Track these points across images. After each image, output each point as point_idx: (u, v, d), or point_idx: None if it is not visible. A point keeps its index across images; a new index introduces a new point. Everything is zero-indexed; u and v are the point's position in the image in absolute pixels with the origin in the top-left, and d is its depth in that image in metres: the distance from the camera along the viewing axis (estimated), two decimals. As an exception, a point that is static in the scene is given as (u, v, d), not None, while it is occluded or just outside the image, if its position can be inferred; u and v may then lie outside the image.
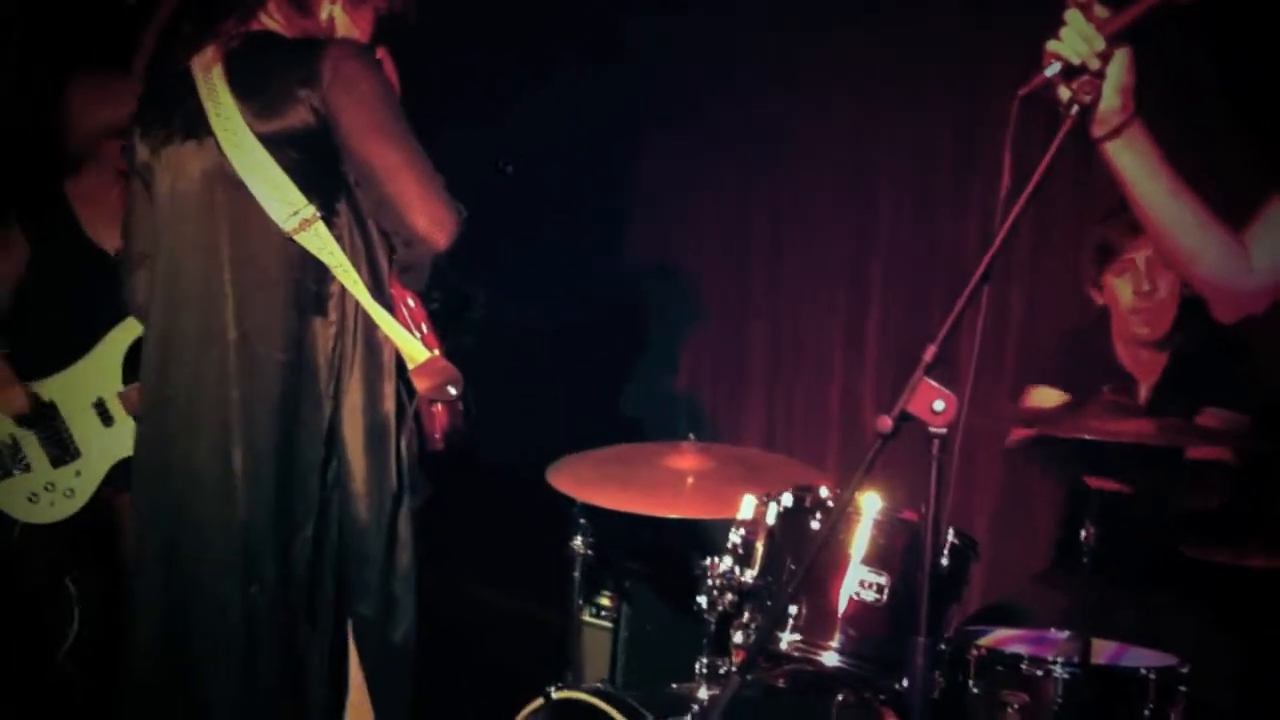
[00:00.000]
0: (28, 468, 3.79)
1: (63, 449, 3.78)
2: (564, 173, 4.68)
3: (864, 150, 4.48)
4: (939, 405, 1.90)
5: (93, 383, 3.79)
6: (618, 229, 5.00)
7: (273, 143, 2.57)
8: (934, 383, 1.90)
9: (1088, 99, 1.92)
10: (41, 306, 3.87)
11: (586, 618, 3.61)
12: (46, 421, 3.77)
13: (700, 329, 4.88)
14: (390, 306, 2.67)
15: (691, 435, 3.31)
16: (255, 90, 2.60)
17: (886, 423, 1.92)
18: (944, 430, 1.91)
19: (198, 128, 2.63)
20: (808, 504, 2.71)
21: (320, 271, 2.61)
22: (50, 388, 3.80)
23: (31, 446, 3.79)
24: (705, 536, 3.62)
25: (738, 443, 4.39)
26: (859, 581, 2.60)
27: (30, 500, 3.77)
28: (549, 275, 4.80)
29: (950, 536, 2.62)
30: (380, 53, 2.73)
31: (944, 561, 2.55)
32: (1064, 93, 1.94)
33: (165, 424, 2.69)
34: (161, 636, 2.66)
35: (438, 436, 2.77)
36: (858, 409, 4.45)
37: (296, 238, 2.59)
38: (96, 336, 3.79)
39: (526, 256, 4.67)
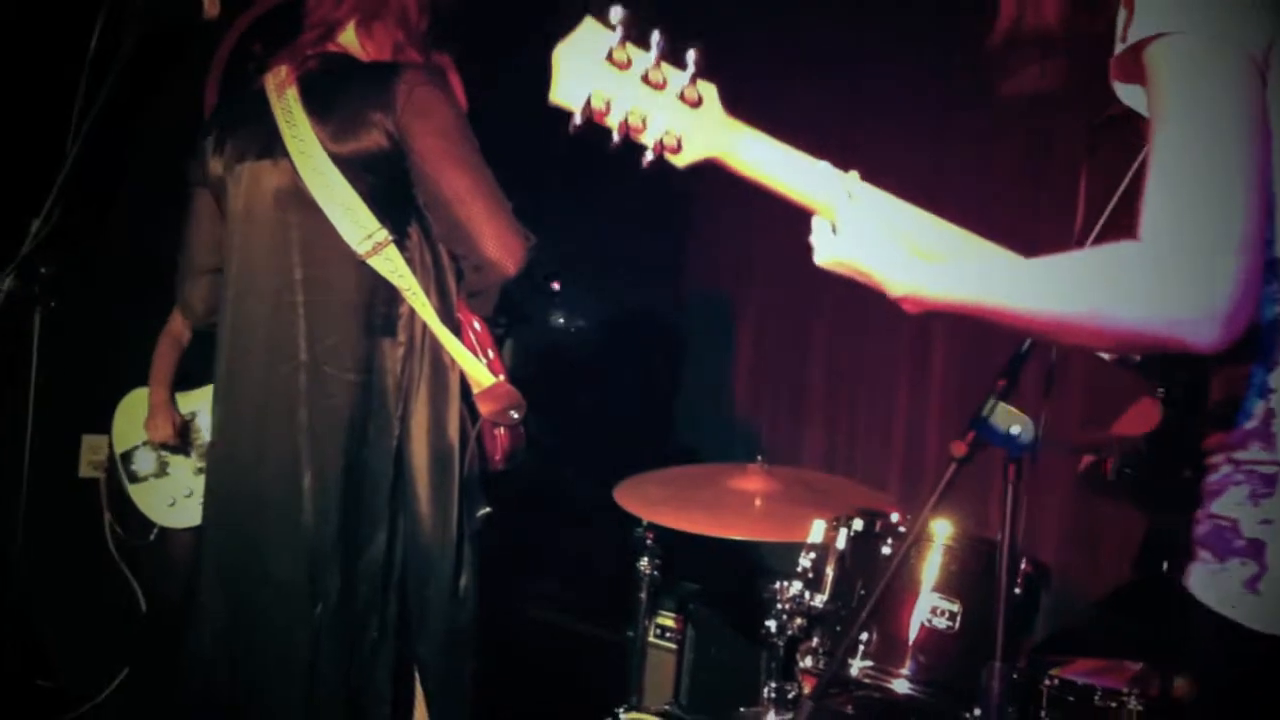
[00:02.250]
0: (168, 474, 3.92)
1: (203, 458, 3.87)
2: (622, 195, 4.68)
3: (928, 170, 4.44)
4: (1015, 429, 1.87)
5: None
6: (678, 251, 4.99)
7: (347, 165, 2.59)
8: (1010, 406, 1.87)
9: None
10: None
11: (651, 639, 3.59)
12: (189, 431, 3.90)
13: (760, 351, 4.85)
14: (458, 330, 2.68)
15: (759, 457, 3.29)
16: (330, 112, 2.62)
17: (962, 448, 1.89)
18: (1020, 455, 1.88)
19: (273, 147, 2.65)
20: (878, 529, 2.69)
21: (390, 294, 2.63)
22: (195, 398, 3.91)
23: (175, 452, 3.91)
24: (768, 559, 3.60)
25: (797, 466, 4.36)
26: (930, 609, 2.57)
27: (170, 506, 3.90)
28: (607, 300, 4.80)
29: (1023, 564, 2.59)
30: (445, 60, 2.75)
31: (1016, 590, 2.51)
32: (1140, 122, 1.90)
33: (234, 442, 2.71)
34: (224, 652, 2.68)
35: (498, 459, 2.78)
36: (921, 432, 4.41)
37: (369, 261, 2.60)
38: None
39: (588, 281, 4.67)
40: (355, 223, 2.59)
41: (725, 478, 3.31)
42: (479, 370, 2.67)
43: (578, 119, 1.55)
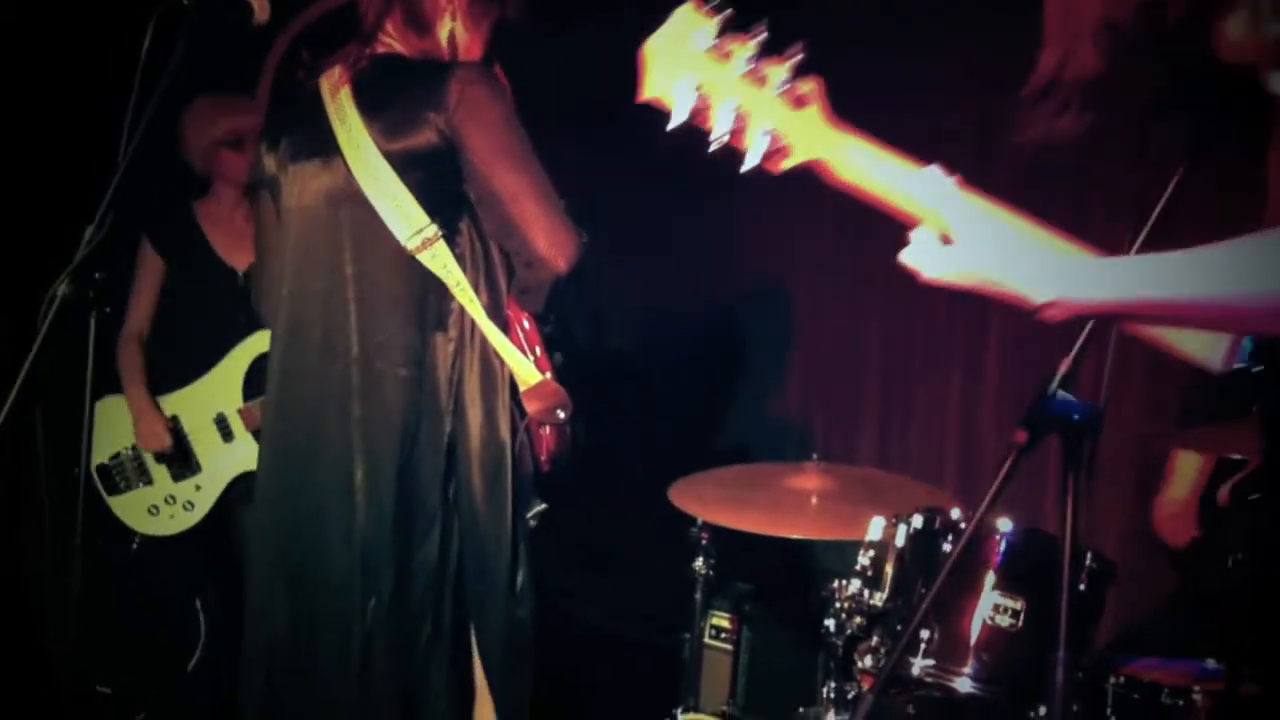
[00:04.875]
0: (149, 481, 3.87)
1: (184, 463, 3.87)
2: (671, 193, 4.66)
3: (981, 166, 4.39)
4: (1075, 418, 1.83)
5: (215, 398, 3.87)
6: (728, 248, 4.96)
7: (399, 161, 2.60)
8: (1069, 395, 1.83)
9: None
10: (170, 322, 3.98)
11: (706, 640, 3.57)
12: (176, 435, 3.86)
13: (813, 349, 4.82)
14: (506, 327, 2.68)
15: (815, 455, 3.26)
16: (383, 110, 2.63)
17: (1023, 435, 1.85)
18: (1081, 423, 1.83)
19: (326, 146, 2.66)
20: (938, 526, 2.66)
21: (441, 288, 2.63)
22: (174, 402, 3.89)
23: (154, 460, 3.87)
24: (824, 558, 3.57)
25: (852, 461, 4.33)
26: (993, 606, 2.54)
27: (150, 513, 3.86)
28: (659, 299, 4.78)
29: (1087, 559, 2.54)
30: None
31: (1080, 586, 2.47)
32: None
33: (287, 438, 2.72)
34: (279, 648, 2.68)
35: (544, 459, 2.77)
36: (976, 427, 4.36)
37: (418, 256, 2.61)
38: (221, 353, 3.86)
39: (638, 282, 4.65)
40: (405, 218, 2.60)
41: (781, 477, 3.30)
42: (526, 368, 2.66)
43: (682, 115, 1.44)
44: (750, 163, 1.45)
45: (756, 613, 3.60)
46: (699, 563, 3.31)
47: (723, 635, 3.58)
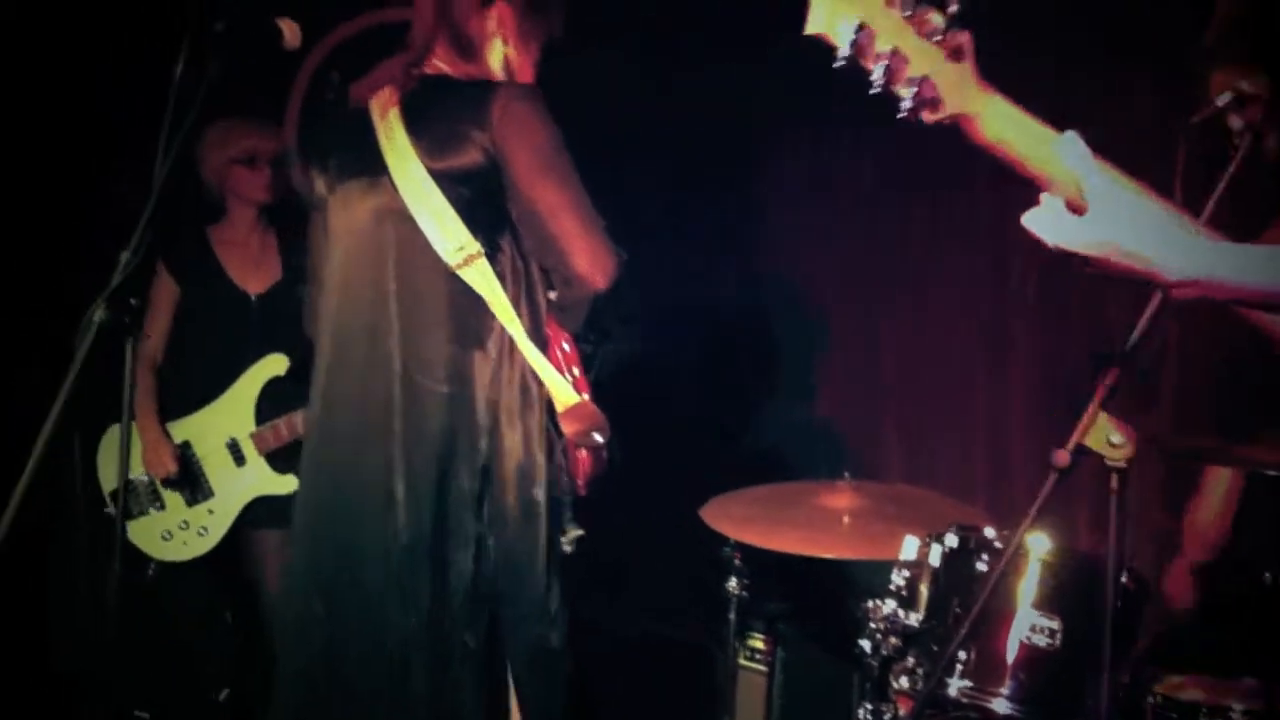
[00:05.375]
0: (162, 506, 3.88)
1: (196, 488, 3.87)
2: (696, 207, 4.66)
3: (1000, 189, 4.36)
4: (1117, 438, 1.83)
5: (227, 423, 3.88)
6: (754, 261, 4.95)
7: (444, 179, 2.63)
8: (1111, 416, 1.83)
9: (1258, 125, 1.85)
10: (183, 347, 3.98)
11: (741, 660, 3.56)
12: (181, 461, 3.86)
13: (836, 362, 4.80)
14: (545, 347, 2.68)
15: (846, 474, 3.25)
16: (429, 129, 2.66)
17: (1064, 458, 1.85)
18: (1123, 464, 1.84)
19: (374, 165, 2.69)
20: (973, 544, 2.64)
21: (482, 307, 2.64)
22: (186, 427, 3.89)
23: (167, 485, 3.88)
24: (857, 577, 3.55)
25: (879, 475, 4.31)
26: (1030, 626, 2.52)
27: (164, 539, 3.87)
28: (683, 313, 4.77)
29: (1123, 577, 2.52)
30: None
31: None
32: (1235, 121, 1.86)
33: (329, 453, 2.73)
34: (315, 667, 2.68)
35: (580, 482, 2.77)
36: (1005, 442, 4.33)
37: (460, 273, 2.63)
38: (233, 377, 3.87)
39: (663, 296, 4.65)
40: (448, 235, 2.62)
41: (812, 495, 3.28)
42: (563, 388, 2.67)
43: (845, 50, 1.41)
44: (905, 109, 1.45)
45: (791, 633, 3.58)
46: (732, 583, 3.30)
47: (757, 656, 3.57)
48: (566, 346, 2.74)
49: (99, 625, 2.80)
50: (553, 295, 2.73)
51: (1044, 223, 1.50)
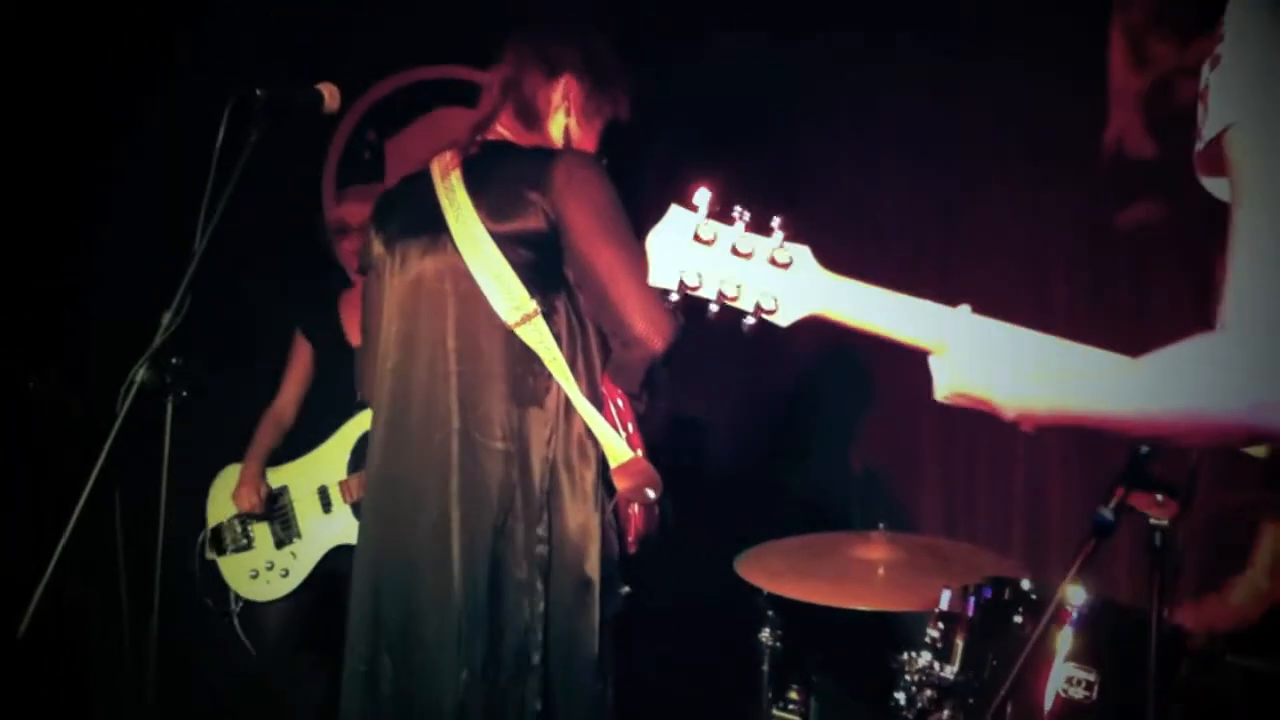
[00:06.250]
0: (250, 545, 3.97)
1: (286, 530, 3.98)
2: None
3: (1038, 228, 4.38)
4: (1160, 497, 1.83)
5: (321, 470, 3.99)
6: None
7: (504, 241, 2.68)
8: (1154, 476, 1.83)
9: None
10: (306, 400, 4.18)
11: (775, 712, 3.55)
12: (276, 504, 4.00)
13: (873, 412, 4.80)
14: (600, 404, 2.70)
15: (881, 525, 3.25)
16: (490, 192, 2.72)
17: (1108, 515, 1.86)
18: (1165, 522, 1.84)
19: (434, 225, 2.75)
20: (1008, 597, 2.64)
21: (538, 365, 2.67)
22: (287, 473, 4.03)
23: (258, 525, 4.01)
24: (893, 629, 3.54)
25: (916, 528, 4.29)
26: (1066, 678, 2.50)
27: (251, 577, 3.98)
28: (718, 364, 4.79)
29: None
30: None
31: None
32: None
33: (389, 508, 2.76)
34: (375, 717, 2.70)
35: (630, 539, 2.78)
36: (1043, 494, 4.31)
37: (517, 331, 2.66)
38: (334, 427, 4.01)
39: (699, 348, 4.66)
40: (507, 293, 2.66)
41: (847, 547, 3.28)
42: (617, 445, 2.68)
43: (674, 296, 1.63)
44: (747, 323, 1.64)
45: (825, 684, 3.56)
46: (765, 633, 3.30)
47: (791, 706, 3.55)
48: (620, 403, 2.75)
49: (139, 685, 2.81)
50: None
51: (934, 378, 1.68)
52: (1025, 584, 2.65)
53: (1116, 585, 3.51)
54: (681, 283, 1.61)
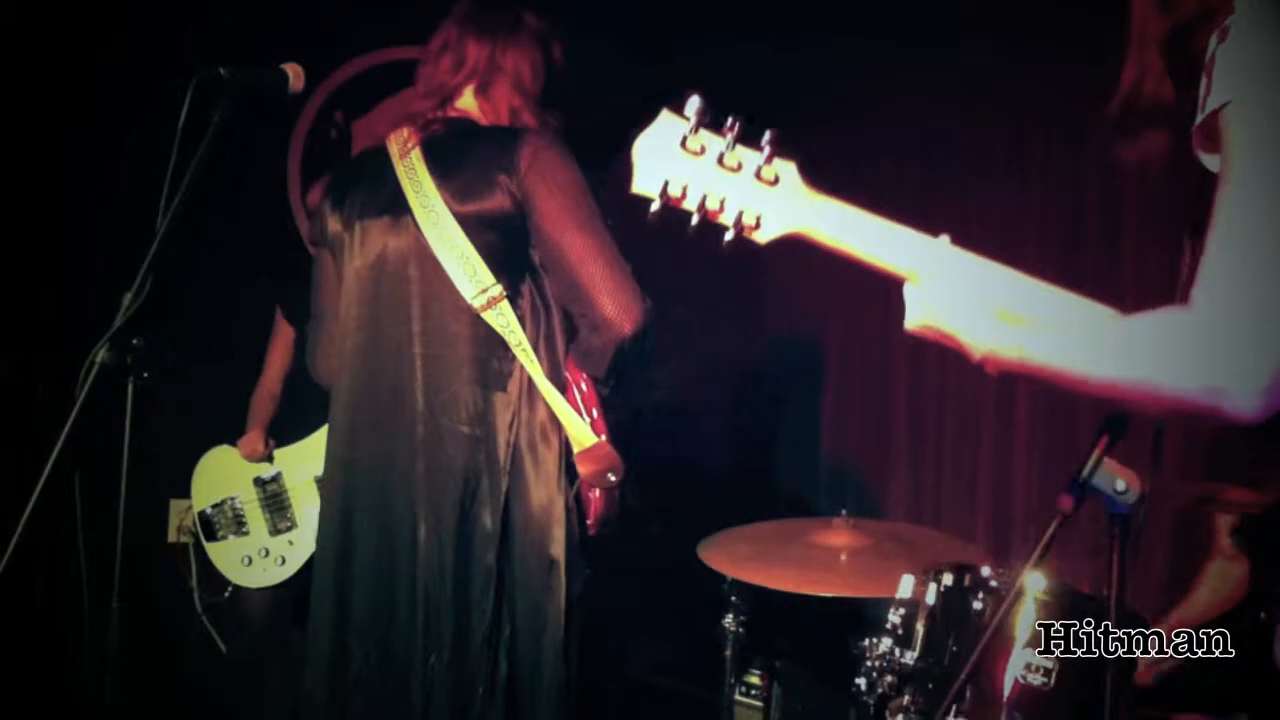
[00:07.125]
0: (245, 532, 3.94)
1: (282, 517, 3.96)
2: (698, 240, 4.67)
3: (1016, 213, 4.40)
4: (1121, 484, 1.83)
5: (318, 458, 3.93)
6: (757, 298, 4.97)
7: (470, 223, 2.66)
8: (1114, 463, 1.83)
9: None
10: (296, 384, 4.12)
11: (737, 697, 3.56)
12: (271, 489, 3.97)
13: (842, 398, 4.82)
14: (564, 388, 2.70)
15: (844, 511, 3.26)
16: (455, 172, 2.69)
17: (1068, 502, 1.85)
18: (1127, 509, 1.84)
19: (395, 205, 2.72)
20: (969, 583, 2.64)
21: (503, 349, 2.66)
22: (281, 458, 4.01)
23: (253, 511, 3.97)
24: (856, 614, 3.55)
25: (883, 514, 4.32)
26: (1025, 665, 2.52)
27: (244, 564, 3.94)
28: (688, 350, 4.79)
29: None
30: (556, 118, 2.81)
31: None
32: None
33: (349, 492, 2.74)
34: (341, 701, 2.69)
35: (590, 523, 2.77)
36: (1008, 482, 4.34)
37: (483, 314, 2.65)
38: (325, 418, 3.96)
39: (669, 334, 4.66)
40: (471, 276, 2.65)
41: (810, 533, 3.29)
42: (581, 429, 2.68)
43: (655, 205, 1.60)
44: (727, 237, 1.62)
45: (787, 669, 3.58)
46: (729, 619, 3.30)
47: (753, 692, 3.57)
48: (584, 387, 2.74)
49: (100, 669, 2.79)
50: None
51: (907, 306, 1.66)
52: (985, 570, 2.66)
53: (1078, 572, 3.53)
54: (665, 191, 1.58)
